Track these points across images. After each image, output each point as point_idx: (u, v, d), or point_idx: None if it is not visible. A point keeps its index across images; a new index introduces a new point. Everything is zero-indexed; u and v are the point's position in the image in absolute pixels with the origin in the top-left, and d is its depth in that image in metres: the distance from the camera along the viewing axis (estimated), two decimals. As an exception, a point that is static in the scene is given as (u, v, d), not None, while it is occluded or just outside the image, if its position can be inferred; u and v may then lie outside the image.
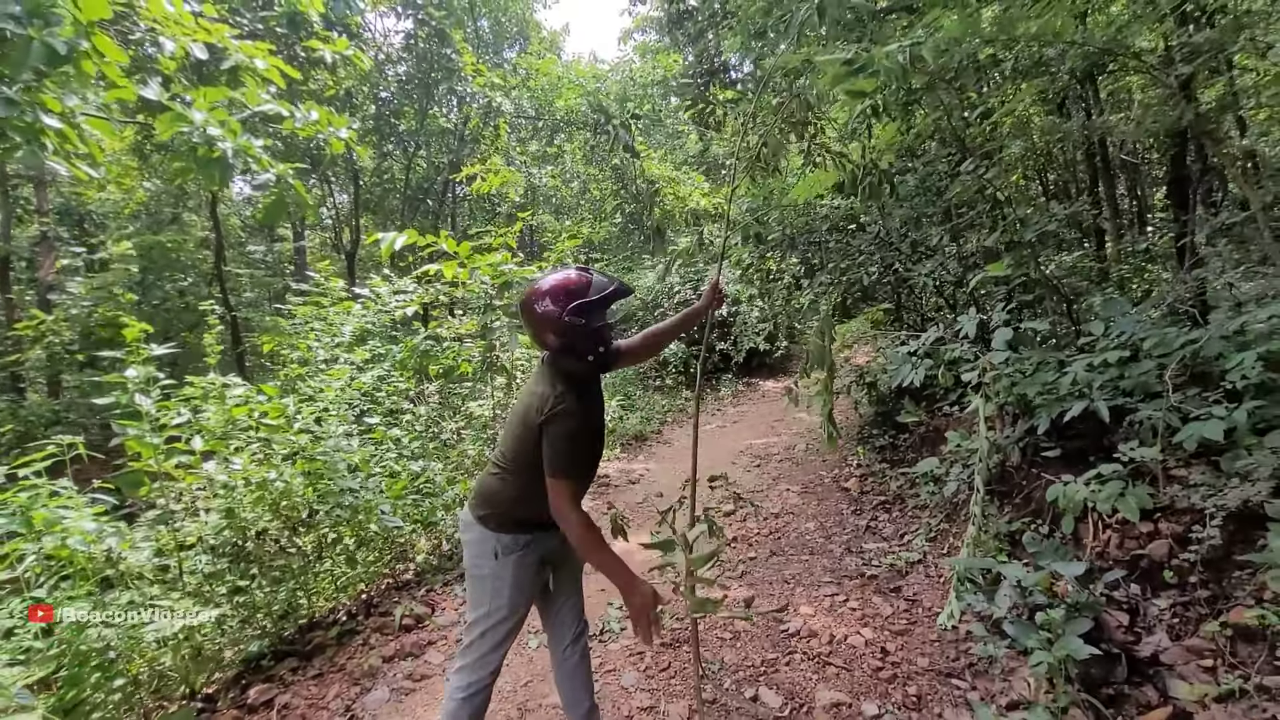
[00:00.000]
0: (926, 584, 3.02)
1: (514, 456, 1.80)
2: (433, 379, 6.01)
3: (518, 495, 1.80)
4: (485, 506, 1.84)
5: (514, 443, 1.80)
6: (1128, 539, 2.44)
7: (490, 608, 1.83)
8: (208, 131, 3.83)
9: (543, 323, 1.71)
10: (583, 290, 1.71)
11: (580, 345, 1.74)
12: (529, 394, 1.79)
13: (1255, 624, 1.92)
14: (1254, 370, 2.18)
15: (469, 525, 1.86)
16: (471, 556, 1.86)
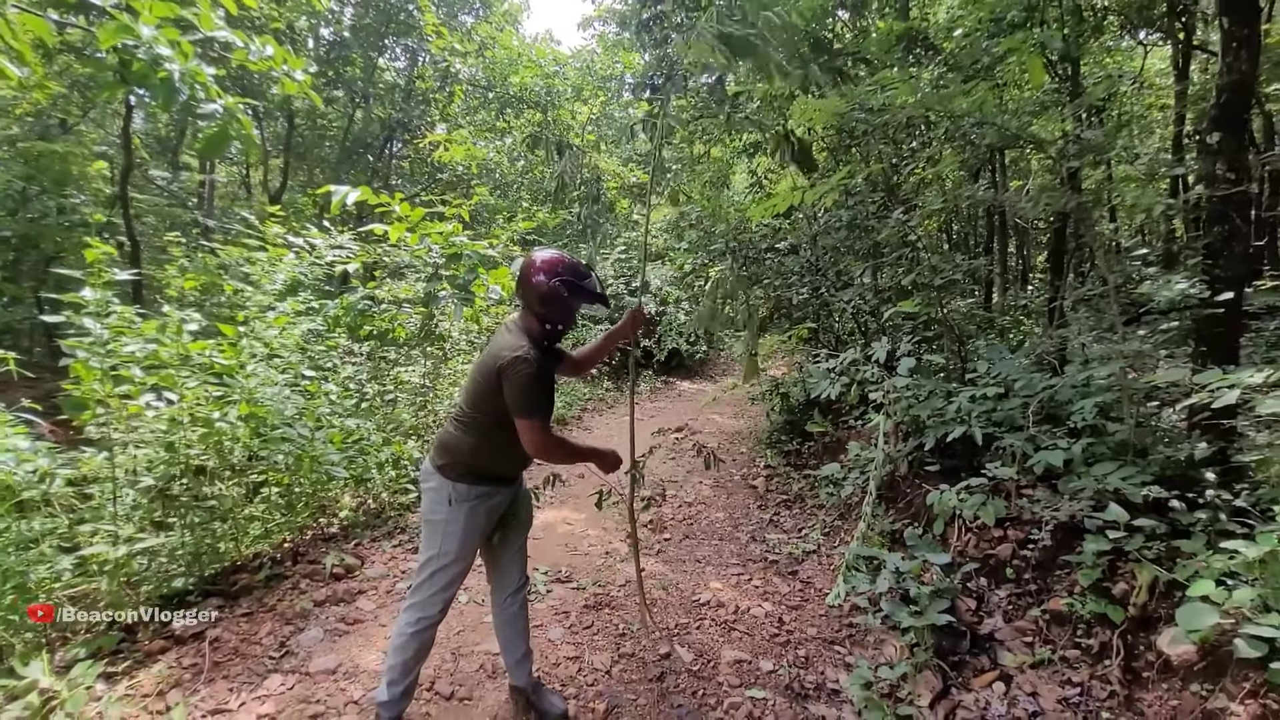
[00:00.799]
0: (819, 570, 3.47)
1: (472, 408, 1.99)
2: (362, 340, 5.93)
3: (474, 444, 1.99)
4: (444, 456, 2.02)
5: (473, 396, 1.99)
6: (983, 541, 2.98)
7: (440, 550, 2.02)
8: (155, 50, 3.66)
9: (533, 287, 1.95)
10: (573, 272, 1.98)
11: (552, 313, 1.98)
12: (494, 347, 1.95)
13: (1065, 610, 2.45)
14: (1091, 415, 2.75)
15: (429, 474, 2.04)
16: (428, 503, 2.05)
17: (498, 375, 1.88)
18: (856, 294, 5.21)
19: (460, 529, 2.00)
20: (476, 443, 1.99)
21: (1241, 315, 3.17)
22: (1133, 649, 2.24)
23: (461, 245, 5.40)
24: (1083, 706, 2.17)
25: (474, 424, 1.98)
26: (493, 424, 1.95)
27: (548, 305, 1.96)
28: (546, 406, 2.03)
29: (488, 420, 1.96)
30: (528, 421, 1.90)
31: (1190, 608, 1.84)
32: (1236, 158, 3.14)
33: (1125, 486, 2.44)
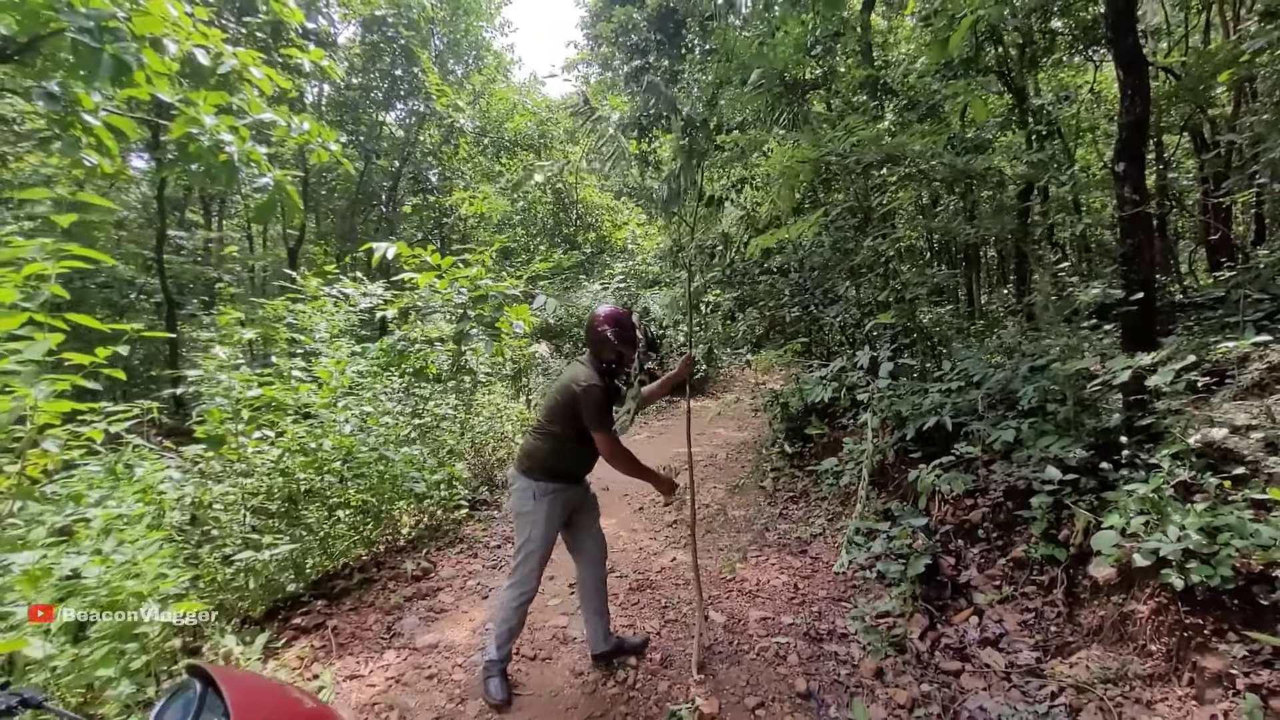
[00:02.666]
0: (825, 548, 4.05)
1: (550, 422, 2.59)
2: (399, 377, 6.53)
3: (550, 450, 2.57)
4: (527, 461, 2.61)
5: (551, 412, 2.59)
6: (958, 510, 3.58)
7: (530, 536, 2.60)
8: (218, 136, 4.32)
9: (594, 335, 2.59)
10: (620, 324, 2.60)
11: (606, 353, 2.59)
12: (569, 376, 2.56)
13: (1024, 556, 3.05)
14: (1032, 399, 3.39)
15: (515, 478, 2.63)
16: (517, 501, 2.63)
17: (574, 397, 2.47)
18: (842, 309, 5.87)
19: (544, 518, 2.59)
20: (552, 449, 2.57)
21: (1154, 310, 3.82)
22: (1073, 578, 2.84)
23: (487, 287, 6.04)
24: (1036, 626, 2.77)
25: (551, 434, 2.58)
26: (565, 434, 2.55)
27: (603, 348, 2.57)
28: (611, 425, 2.64)
29: (562, 431, 2.55)
30: (602, 433, 2.48)
31: (1102, 535, 2.45)
32: (1138, 182, 3.84)
33: (1062, 453, 3.06)
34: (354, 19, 9.99)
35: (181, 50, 4.60)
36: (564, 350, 11.81)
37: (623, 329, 2.58)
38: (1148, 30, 8.44)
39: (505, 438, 6.78)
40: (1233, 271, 6.89)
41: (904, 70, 6.31)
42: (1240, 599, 2.19)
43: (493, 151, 14.90)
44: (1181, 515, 2.36)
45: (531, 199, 13.46)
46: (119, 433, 2.96)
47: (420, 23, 10.11)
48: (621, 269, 13.16)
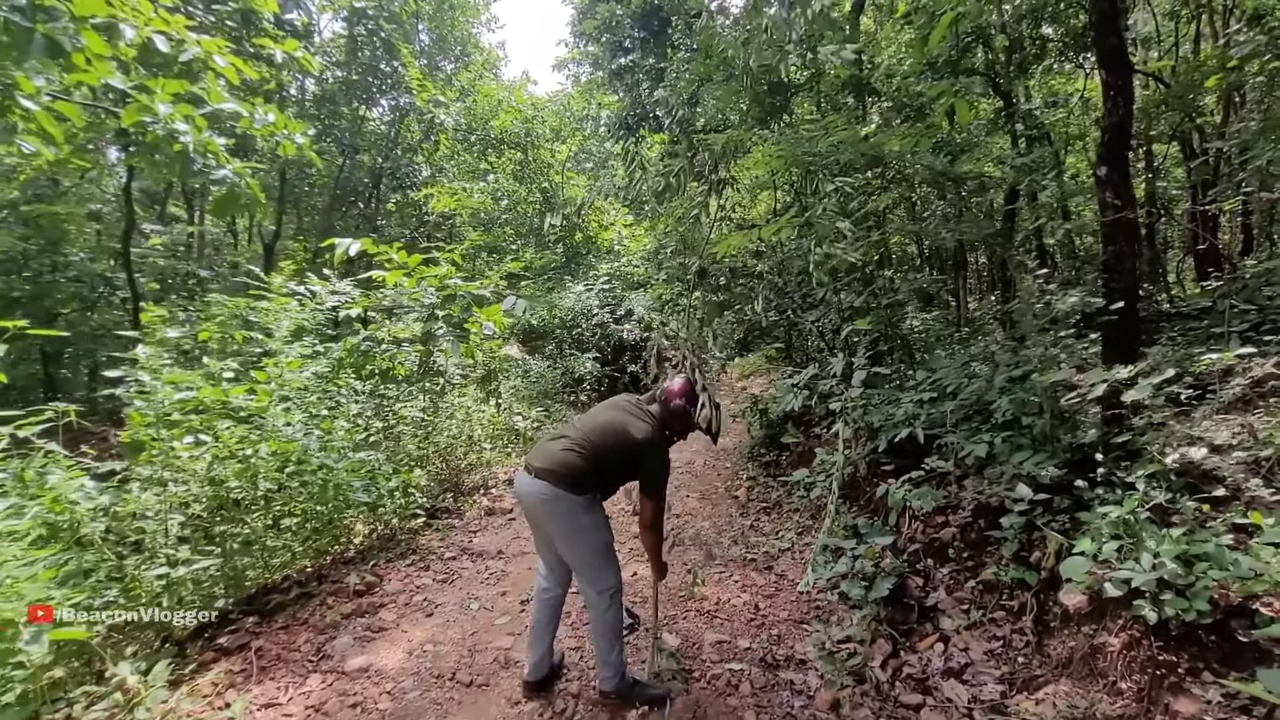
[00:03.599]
0: (792, 564, 3.88)
1: (600, 448, 2.45)
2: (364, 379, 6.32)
3: (593, 471, 2.44)
4: (572, 477, 2.41)
5: (605, 441, 2.48)
6: (929, 527, 3.41)
7: (601, 538, 2.48)
8: (172, 125, 4.10)
9: (674, 410, 2.62)
10: (692, 396, 2.68)
11: (675, 426, 2.64)
12: (633, 417, 2.53)
13: (994, 579, 2.88)
14: (1007, 412, 3.22)
15: (558, 498, 2.40)
16: (570, 517, 2.43)
17: (638, 449, 2.45)
18: (821, 314, 5.70)
19: (601, 519, 2.49)
20: (594, 471, 2.45)
21: (1136, 320, 3.67)
22: (1044, 605, 2.67)
23: (456, 287, 5.84)
24: (1004, 655, 2.59)
25: (597, 461, 2.44)
26: (610, 472, 2.49)
27: (674, 421, 2.63)
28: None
29: (607, 465, 2.46)
30: (655, 501, 2.50)
31: (1071, 561, 2.28)
32: (1121, 187, 3.69)
33: (1035, 470, 2.89)
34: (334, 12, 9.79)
35: (140, 36, 4.37)
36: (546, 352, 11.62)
37: (694, 410, 2.65)
38: (1138, 39, 8.36)
39: (475, 442, 6.58)
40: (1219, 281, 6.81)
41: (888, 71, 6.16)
42: (1217, 635, 2.03)
43: (479, 149, 14.71)
44: (1156, 541, 2.20)
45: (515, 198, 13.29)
46: (28, 438, 2.75)
47: (403, 15, 9.91)
48: (607, 270, 12.98)
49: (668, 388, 2.67)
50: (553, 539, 2.50)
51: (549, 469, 2.43)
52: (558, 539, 2.48)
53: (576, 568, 2.51)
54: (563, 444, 2.50)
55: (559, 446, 2.49)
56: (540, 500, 2.42)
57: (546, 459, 2.45)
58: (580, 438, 2.50)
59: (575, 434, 2.52)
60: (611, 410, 2.63)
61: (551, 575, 2.65)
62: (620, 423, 2.54)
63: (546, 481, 2.42)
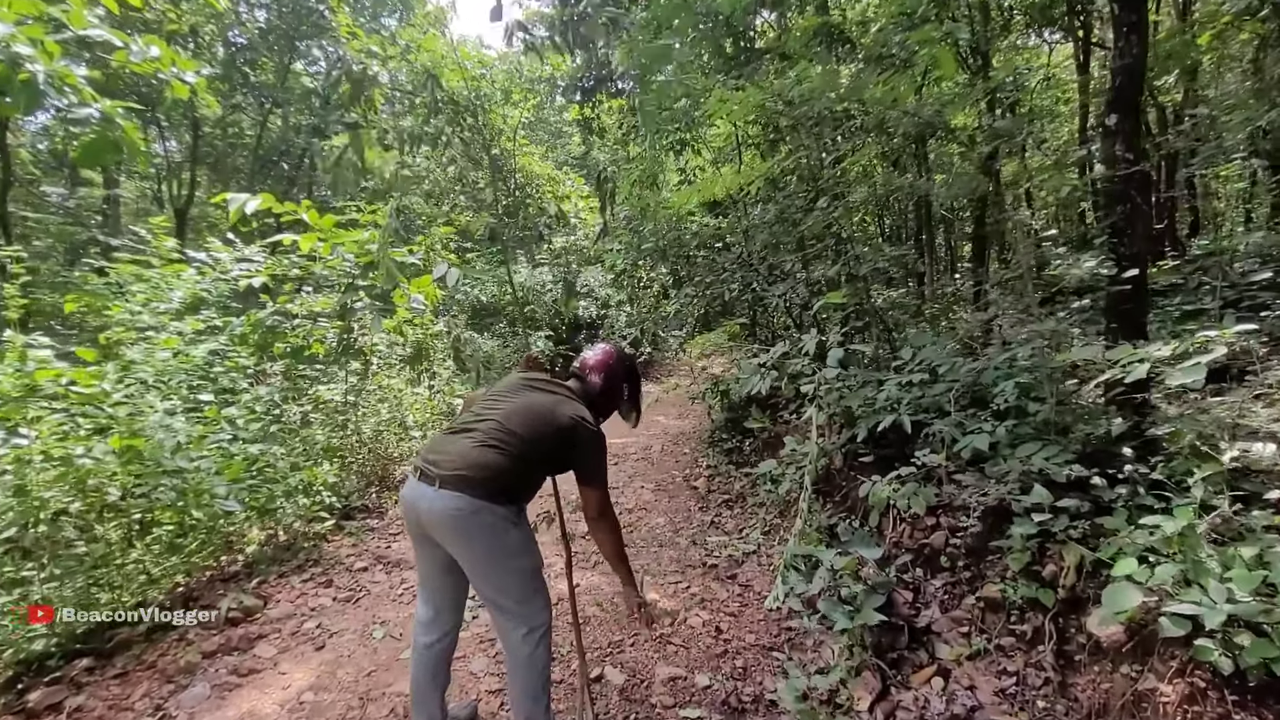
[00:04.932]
0: (758, 572, 3.37)
1: (528, 440, 1.90)
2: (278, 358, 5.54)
3: (521, 472, 1.91)
4: (496, 482, 1.84)
5: (534, 430, 1.92)
6: (917, 530, 2.93)
7: (533, 560, 1.95)
8: (13, 49, 3.29)
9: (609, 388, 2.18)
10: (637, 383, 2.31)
11: (599, 405, 2.16)
12: (560, 405, 2.00)
13: (999, 596, 2.41)
14: (1013, 396, 2.74)
15: (479, 511, 1.81)
16: (494, 537, 1.84)
17: (569, 434, 1.94)
18: (789, 288, 5.18)
19: (529, 534, 1.97)
20: (520, 471, 1.91)
21: (1147, 291, 3.25)
22: (1064, 632, 2.21)
23: (377, 253, 5.09)
24: (1019, 697, 2.12)
25: (524, 458, 1.90)
26: (536, 466, 1.97)
27: (610, 402, 2.20)
28: None
29: (536, 461, 1.95)
30: (600, 490, 2.00)
31: (1115, 588, 1.80)
32: (1132, 139, 3.23)
33: (1048, 466, 2.42)
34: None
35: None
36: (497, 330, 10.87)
37: (634, 385, 2.30)
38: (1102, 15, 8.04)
39: (409, 430, 5.89)
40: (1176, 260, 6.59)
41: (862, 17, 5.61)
42: (1306, 686, 1.58)
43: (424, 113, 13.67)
44: (1222, 563, 1.73)
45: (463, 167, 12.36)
46: None
47: (330, -44, 8.86)
48: (562, 243, 12.26)
49: (585, 360, 2.22)
50: (466, 567, 1.89)
51: (463, 474, 1.82)
52: (475, 566, 1.88)
53: (497, 603, 1.91)
54: (475, 438, 1.89)
55: (471, 442, 1.88)
56: (453, 518, 1.81)
57: (457, 460, 1.85)
58: (498, 428, 1.90)
59: (489, 424, 1.92)
60: (527, 390, 2.06)
61: (438, 619, 2.04)
62: (547, 405, 1.99)
63: (460, 492, 1.80)
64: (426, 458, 1.92)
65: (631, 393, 2.27)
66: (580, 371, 2.19)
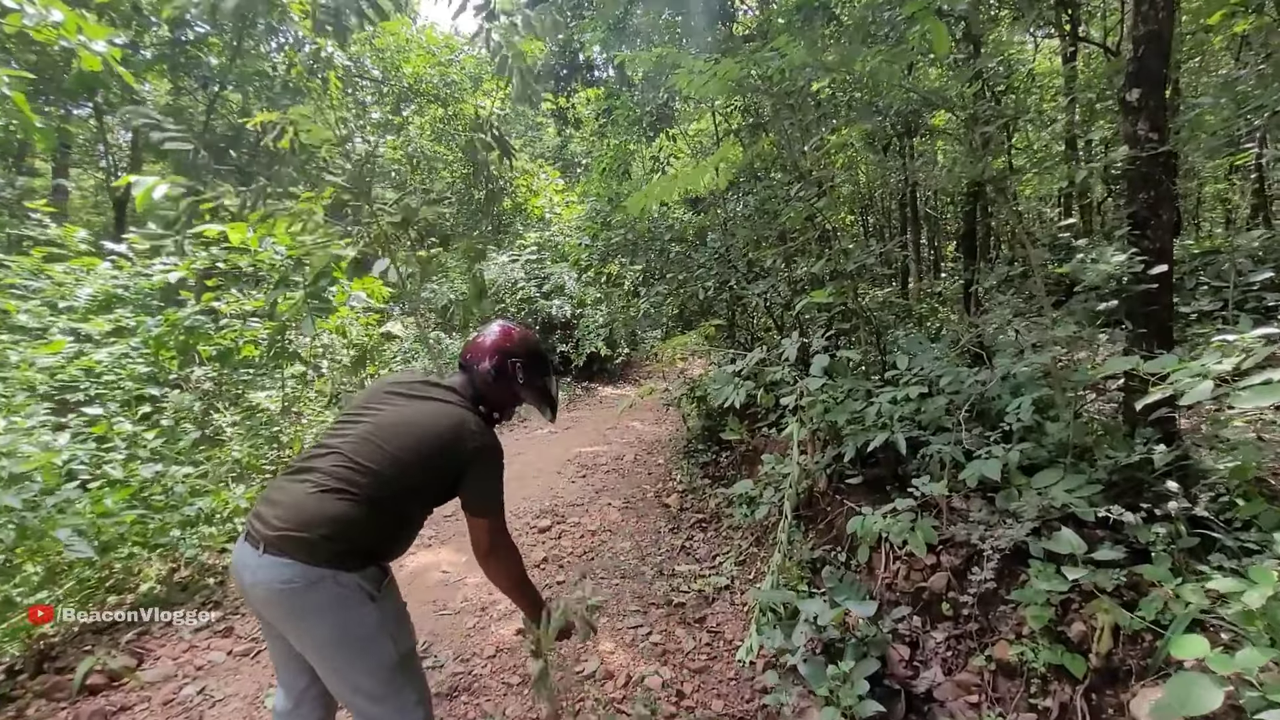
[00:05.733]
0: (730, 613, 2.92)
1: (385, 478, 1.43)
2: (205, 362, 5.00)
3: (376, 522, 1.43)
4: (338, 541, 1.36)
5: (391, 460, 1.45)
6: (914, 570, 2.50)
7: (394, 648, 1.44)
8: None
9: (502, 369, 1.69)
10: (542, 361, 1.78)
11: (502, 398, 1.72)
12: (436, 401, 1.58)
13: (1015, 660, 1.99)
14: (1028, 414, 2.32)
15: (312, 585, 1.33)
16: (335, 613, 1.36)
17: (450, 453, 1.51)
18: (769, 286, 4.75)
19: (391, 609, 1.48)
20: (386, 519, 1.46)
21: (1173, 290, 2.86)
22: (1099, 712, 1.79)
23: (312, 245, 4.56)
24: (1048, 799, 1.70)
25: (388, 500, 1.44)
26: (411, 500, 1.51)
27: (503, 390, 1.71)
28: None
29: (406, 498, 1.48)
30: (494, 521, 1.58)
31: (1184, 681, 1.38)
32: (1158, 115, 2.83)
33: (1073, 501, 2.00)
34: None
35: None
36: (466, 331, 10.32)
37: (539, 368, 1.78)
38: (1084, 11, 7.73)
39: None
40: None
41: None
42: None
43: (392, 101, 13.05)
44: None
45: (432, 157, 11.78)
46: None
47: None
48: (535, 238, 11.73)
49: (474, 344, 1.74)
50: (307, 655, 1.42)
51: (292, 533, 1.35)
52: (318, 656, 1.40)
53: (351, 702, 1.44)
54: (312, 481, 1.41)
55: (306, 487, 1.40)
56: (280, 593, 1.34)
57: (287, 514, 1.37)
58: (342, 465, 1.43)
59: (331, 460, 1.45)
60: (390, 401, 1.58)
61: (299, 712, 1.56)
62: (414, 420, 1.53)
63: (290, 557, 1.33)
64: (256, 510, 1.44)
65: (535, 379, 1.76)
66: (467, 360, 1.71)
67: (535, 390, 1.77)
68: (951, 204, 10.89)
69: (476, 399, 1.66)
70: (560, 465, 5.89)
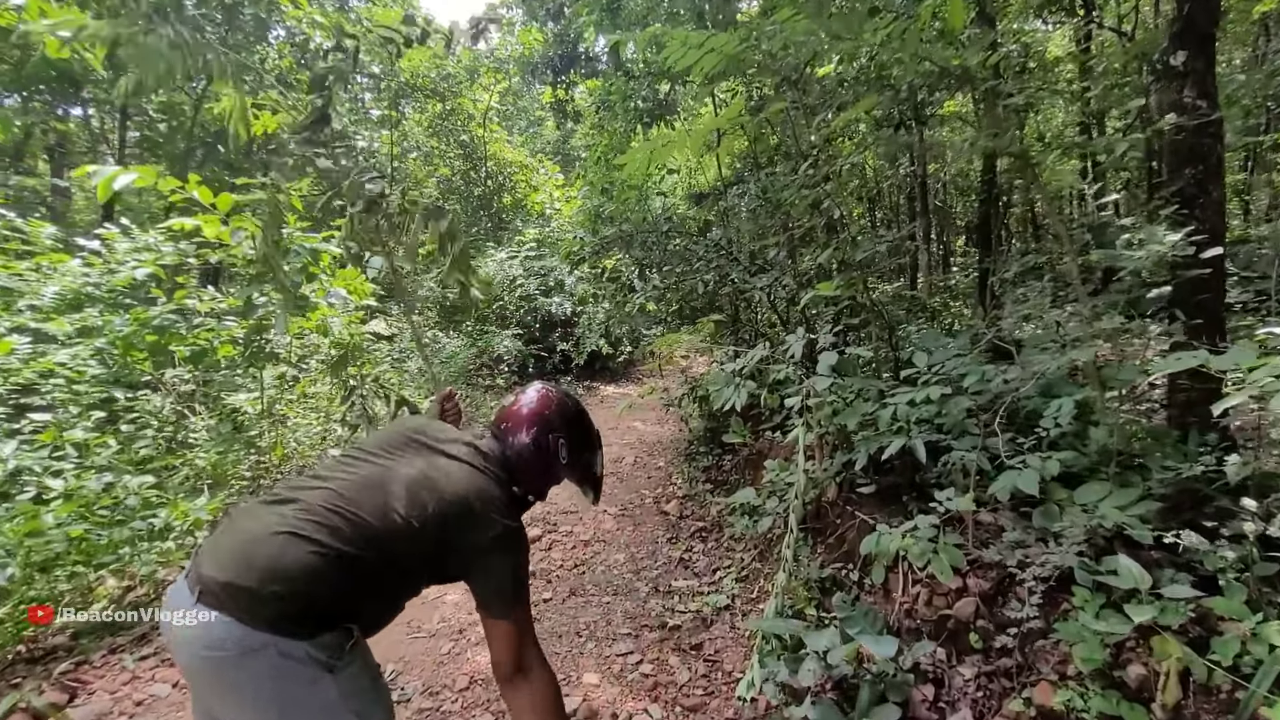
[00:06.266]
0: (730, 639, 2.64)
1: (376, 535, 1.15)
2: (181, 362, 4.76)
3: (349, 585, 1.13)
4: (294, 600, 1.07)
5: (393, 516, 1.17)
6: (936, 595, 2.21)
7: None
8: None
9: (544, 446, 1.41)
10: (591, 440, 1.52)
11: (530, 478, 1.42)
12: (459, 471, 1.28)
13: (1061, 708, 1.70)
14: (1068, 418, 2.03)
15: (251, 648, 1.05)
16: (273, 692, 1.07)
17: (466, 528, 1.21)
18: (773, 279, 4.46)
19: (363, 682, 1.16)
20: (351, 582, 1.14)
21: (1225, 277, 2.56)
22: (1167, 776, 1.50)
23: (288, 240, 4.31)
24: None
25: (359, 559, 1.13)
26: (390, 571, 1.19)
27: (543, 470, 1.43)
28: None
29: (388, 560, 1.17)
30: (520, 624, 1.25)
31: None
32: (1206, 79, 2.53)
33: (1129, 522, 1.71)
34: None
35: None
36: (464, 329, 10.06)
37: (584, 443, 1.50)
38: None
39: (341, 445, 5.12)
40: None
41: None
42: None
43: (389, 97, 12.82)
44: None
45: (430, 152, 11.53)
46: None
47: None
48: (534, 235, 11.47)
49: (511, 410, 1.46)
50: None
51: (235, 582, 1.07)
52: None
53: None
54: (283, 519, 1.13)
55: (272, 524, 1.13)
56: (202, 661, 1.07)
57: (237, 557, 1.10)
58: (331, 505, 1.16)
59: (319, 495, 1.18)
60: (412, 448, 1.32)
61: None
62: (436, 477, 1.25)
63: (224, 612, 1.05)
64: (212, 538, 1.18)
65: (580, 457, 1.48)
66: (501, 427, 1.43)
67: (580, 471, 1.50)
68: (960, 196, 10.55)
69: (509, 474, 1.38)
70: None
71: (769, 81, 3.86)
